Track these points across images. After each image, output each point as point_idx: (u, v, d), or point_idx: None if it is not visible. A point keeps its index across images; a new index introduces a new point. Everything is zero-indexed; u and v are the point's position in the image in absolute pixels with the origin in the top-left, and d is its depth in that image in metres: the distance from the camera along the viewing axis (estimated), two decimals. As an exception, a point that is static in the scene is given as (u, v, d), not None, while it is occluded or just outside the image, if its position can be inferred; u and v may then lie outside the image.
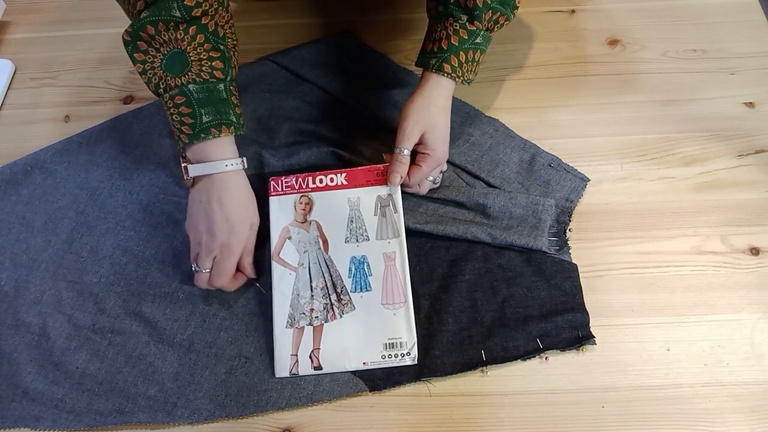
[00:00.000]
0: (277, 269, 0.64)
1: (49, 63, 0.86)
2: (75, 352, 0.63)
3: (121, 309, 0.66)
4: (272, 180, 0.67)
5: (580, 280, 0.65)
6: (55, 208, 0.72)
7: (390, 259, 0.64)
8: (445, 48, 0.62)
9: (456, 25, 0.62)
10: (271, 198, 0.67)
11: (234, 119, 0.61)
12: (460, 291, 0.65)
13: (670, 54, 0.83)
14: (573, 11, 0.88)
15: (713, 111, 0.77)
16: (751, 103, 0.77)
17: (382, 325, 0.62)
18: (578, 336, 0.62)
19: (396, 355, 0.61)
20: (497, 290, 0.65)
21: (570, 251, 0.67)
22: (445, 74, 0.62)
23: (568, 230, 0.68)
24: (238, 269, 0.63)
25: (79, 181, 0.74)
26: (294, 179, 0.67)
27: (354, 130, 0.76)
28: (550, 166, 0.72)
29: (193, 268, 0.62)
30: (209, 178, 0.60)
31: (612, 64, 0.82)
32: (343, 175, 0.67)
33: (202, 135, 0.59)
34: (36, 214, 0.72)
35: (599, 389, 0.60)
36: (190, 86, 0.58)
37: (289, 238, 0.65)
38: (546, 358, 0.62)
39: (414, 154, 0.65)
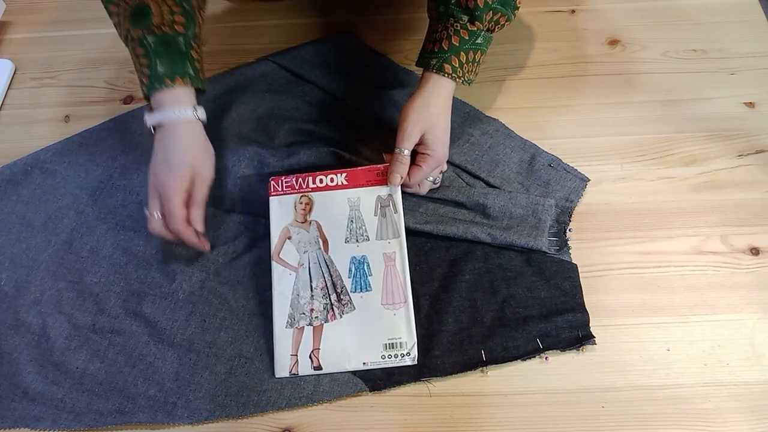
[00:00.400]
0: (277, 269, 0.64)
1: (49, 63, 0.87)
2: (75, 352, 0.63)
3: (121, 309, 0.66)
4: (272, 180, 0.67)
5: (580, 280, 0.65)
6: (55, 208, 0.72)
7: (390, 259, 0.64)
8: (446, 48, 0.62)
9: (457, 26, 0.62)
10: (271, 198, 0.67)
11: (191, 72, 0.61)
12: (460, 291, 0.65)
13: (670, 54, 0.83)
14: (573, 11, 0.88)
15: (713, 111, 0.77)
16: (751, 103, 0.77)
17: (382, 325, 0.62)
18: (578, 336, 0.62)
19: (396, 356, 0.61)
20: (497, 290, 0.65)
21: (570, 251, 0.67)
22: (446, 74, 0.62)
23: (568, 230, 0.68)
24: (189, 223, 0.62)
25: (79, 181, 0.74)
26: (294, 179, 0.67)
27: (354, 130, 0.76)
28: (550, 166, 0.72)
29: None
30: (161, 127, 0.61)
31: (612, 64, 0.82)
32: (343, 175, 0.67)
33: (157, 85, 0.60)
34: (36, 214, 0.72)
35: (599, 389, 0.60)
36: (149, 38, 0.60)
37: (289, 238, 0.65)
38: (546, 358, 0.62)
39: (414, 154, 0.65)
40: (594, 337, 0.62)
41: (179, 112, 0.60)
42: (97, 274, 0.68)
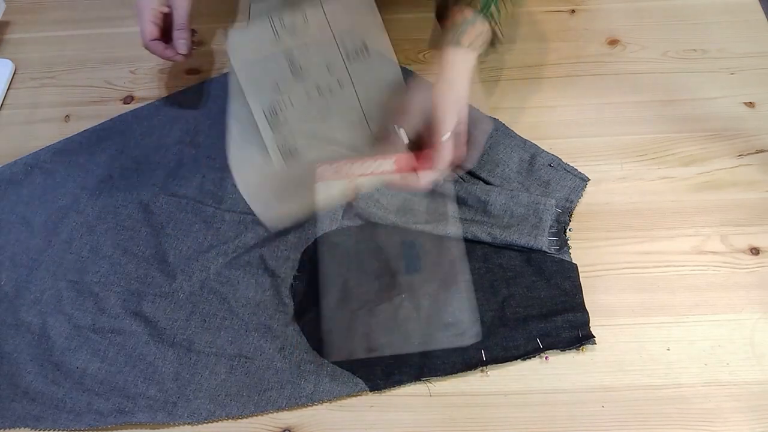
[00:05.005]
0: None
1: (49, 63, 0.86)
2: (75, 352, 0.63)
3: (121, 309, 0.66)
4: (319, 166, 0.64)
5: (580, 279, 0.65)
6: (55, 208, 0.72)
7: (441, 240, 0.63)
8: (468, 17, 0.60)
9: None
10: (318, 185, 0.63)
11: None
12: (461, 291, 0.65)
13: (670, 54, 0.83)
14: (573, 11, 0.88)
15: (713, 111, 0.77)
16: (751, 103, 0.77)
17: (438, 305, 0.61)
18: (578, 336, 0.62)
19: (455, 335, 0.60)
20: (497, 290, 0.65)
21: (570, 251, 0.67)
22: (492, 21, 0.60)
23: (568, 230, 0.68)
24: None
25: (79, 181, 0.74)
26: (340, 165, 0.64)
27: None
28: (550, 166, 0.72)
29: None
30: None
31: (612, 64, 0.82)
32: (392, 160, 0.64)
33: None
34: (36, 214, 0.72)
35: (599, 389, 0.60)
36: None
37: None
38: (546, 358, 0.62)
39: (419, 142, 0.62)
40: (594, 336, 0.62)
41: None
42: (97, 273, 0.68)
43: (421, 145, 0.62)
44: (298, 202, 0.58)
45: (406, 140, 0.61)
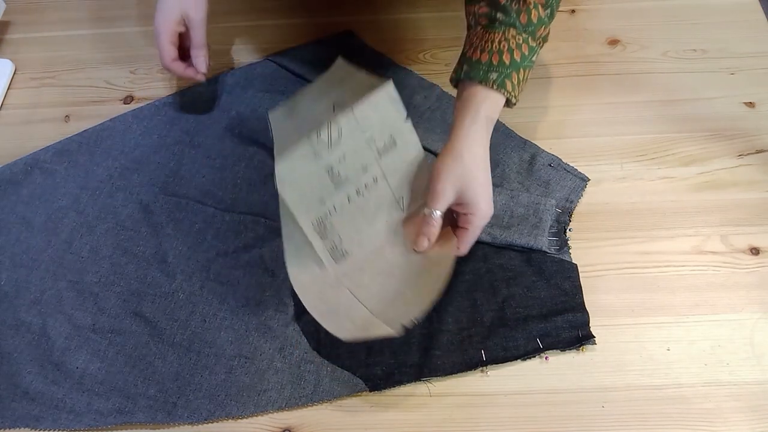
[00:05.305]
0: None
1: (49, 63, 0.86)
2: (75, 352, 0.63)
3: (121, 309, 0.66)
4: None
5: (580, 280, 0.65)
6: (55, 208, 0.72)
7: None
8: (507, 63, 0.57)
9: (519, 39, 0.57)
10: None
11: None
12: (460, 291, 0.65)
13: (670, 54, 0.83)
14: (573, 11, 0.88)
15: (713, 111, 0.77)
16: (751, 103, 0.77)
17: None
18: (578, 336, 0.62)
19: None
20: (497, 290, 0.65)
21: (570, 251, 0.67)
22: (505, 92, 0.57)
23: (568, 230, 0.68)
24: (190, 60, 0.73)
25: (79, 181, 0.74)
26: None
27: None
28: (550, 166, 0.72)
29: None
30: None
31: (612, 64, 0.82)
32: None
33: None
34: (36, 214, 0.72)
35: (599, 389, 0.60)
36: None
37: None
38: (546, 358, 0.62)
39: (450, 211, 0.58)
40: (594, 336, 0.62)
41: None
42: (97, 274, 0.68)
43: (453, 216, 0.60)
44: (365, 317, 0.57)
45: (438, 215, 0.58)
